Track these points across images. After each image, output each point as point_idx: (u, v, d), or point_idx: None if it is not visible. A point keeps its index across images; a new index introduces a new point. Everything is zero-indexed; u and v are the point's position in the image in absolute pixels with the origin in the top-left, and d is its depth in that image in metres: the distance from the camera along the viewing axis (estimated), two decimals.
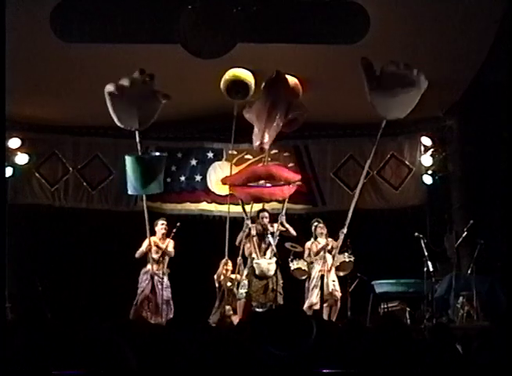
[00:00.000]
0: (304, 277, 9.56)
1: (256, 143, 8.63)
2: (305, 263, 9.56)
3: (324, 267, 9.22)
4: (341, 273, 9.45)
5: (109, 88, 7.95)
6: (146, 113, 8.27)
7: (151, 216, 9.94)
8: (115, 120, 8.28)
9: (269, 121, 8.55)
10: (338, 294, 9.20)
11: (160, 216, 10.04)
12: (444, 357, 3.51)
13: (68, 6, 7.99)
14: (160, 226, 9.59)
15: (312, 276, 9.37)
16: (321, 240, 9.49)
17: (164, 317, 9.10)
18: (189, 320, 4.36)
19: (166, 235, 9.51)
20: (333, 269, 9.26)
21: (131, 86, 7.94)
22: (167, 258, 9.50)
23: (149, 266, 9.32)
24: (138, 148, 8.61)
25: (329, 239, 9.33)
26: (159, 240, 9.50)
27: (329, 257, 9.28)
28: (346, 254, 9.41)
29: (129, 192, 8.99)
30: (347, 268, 9.45)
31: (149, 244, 9.20)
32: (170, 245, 9.47)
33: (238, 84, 8.99)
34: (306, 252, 9.69)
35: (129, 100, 8.08)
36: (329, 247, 9.32)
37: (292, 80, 9.02)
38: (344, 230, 8.78)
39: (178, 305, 9.47)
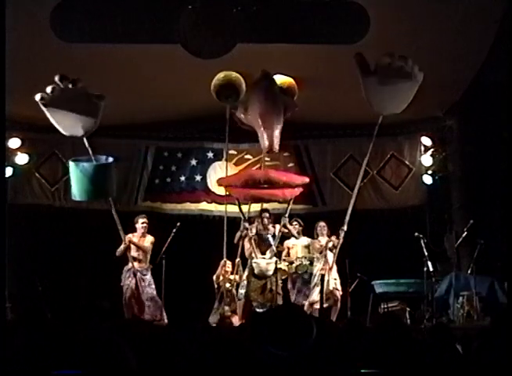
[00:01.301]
0: (284, 277, 9.59)
1: (265, 145, 8.55)
2: (286, 263, 9.60)
3: (326, 266, 9.23)
4: None
5: (37, 97, 7.78)
6: (86, 118, 8.01)
7: (151, 216, 9.95)
8: (58, 129, 8.11)
9: (276, 121, 8.50)
10: (339, 293, 9.20)
11: (160, 216, 10.04)
12: (444, 357, 3.52)
13: (68, 6, 7.99)
14: (141, 224, 9.53)
15: (314, 274, 9.38)
16: (322, 238, 9.50)
17: (150, 314, 9.10)
18: (189, 321, 4.37)
19: (147, 232, 9.48)
20: (335, 267, 9.25)
21: (59, 93, 7.73)
22: (148, 255, 9.47)
23: (130, 264, 9.32)
24: (90, 153, 8.34)
25: (333, 237, 9.29)
26: (138, 238, 9.46)
27: (330, 255, 9.27)
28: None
29: (72, 197, 8.79)
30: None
31: (126, 243, 9.15)
32: (148, 241, 9.45)
33: (228, 88, 8.92)
34: (285, 252, 9.73)
35: (64, 107, 7.89)
36: (330, 245, 9.31)
37: (288, 80, 9.00)
38: (345, 228, 8.79)
39: (177, 305, 9.46)
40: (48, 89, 7.73)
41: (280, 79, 8.97)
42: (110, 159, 8.64)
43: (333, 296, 9.17)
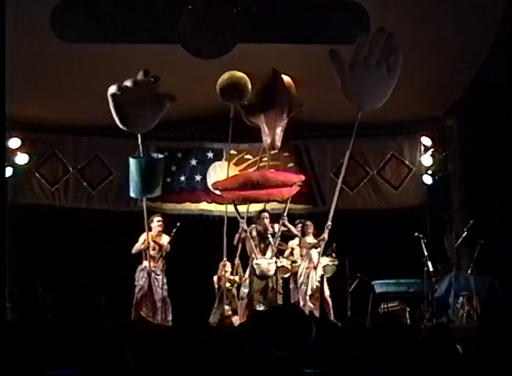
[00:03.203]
0: (287, 275, 9.59)
1: (267, 142, 8.54)
2: (289, 262, 9.59)
3: (310, 264, 9.26)
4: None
5: (112, 89, 7.83)
6: (148, 116, 8.12)
7: (151, 215, 9.94)
8: (117, 122, 8.15)
9: (278, 119, 8.50)
10: (326, 292, 9.22)
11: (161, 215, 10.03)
12: (444, 357, 3.51)
13: (68, 6, 8.00)
14: (156, 223, 9.53)
15: (299, 274, 9.36)
16: (308, 238, 9.51)
17: (162, 316, 9.09)
18: (189, 321, 4.37)
19: (162, 232, 9.51)
20: (320, 266, 9.26)
21: (134, 88, 7.82)
22: (163, 255, 9.47)
23: (145, 263, 9.29)
24: (140, 150, 8.49)
25: (324, 235, 9.24)
26: (155, 236, 9.48)
27: (314, 254, 9.27)
28: (330, 257, 9.42)
29: (131, 195, 8.92)
30: (329, 271, 9.46)
31: (147, 241, 9.18)
32: (166, 240, 9.48)
33: (233, 88, 8.92)
34: (288, 251, 9.72)
35: (132, 102, 7.92)
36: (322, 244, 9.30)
37: (285, 78, 9.00)
38: (329, 223, 8.78)
39: (177, 305, 9.46)
40: (129, 83, 7.71)
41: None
42: (159, 155, 8.74)
43: (316, 296, 9.18)
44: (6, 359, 2.84)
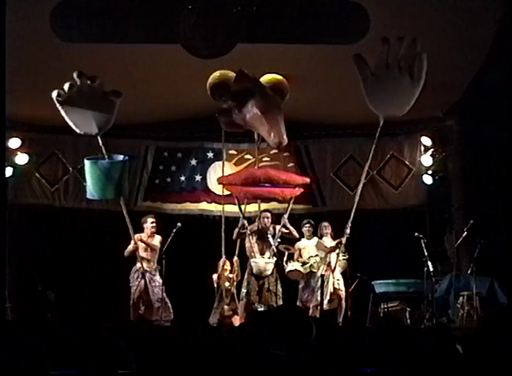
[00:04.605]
0: (300, 278, 9.54)
1: (275, 141, 8.35)
2: (299, 264, 9.55)
3: (328, 267, 9.21)
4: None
5: (54, 94, 7.77)
6: (101, 116, 8.03)
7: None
8: (72, 127, 8.09)
9: (280, 116, 8.40)
10: (342, 293, 9.18)
11: (160, 216, 10.02)
12: (444, 357, 3.51)
13: (68, 6, 7.99)
14: (150, 224, 9.54)
15: (317, 277, 9.28)
16: (326, 239, 9.46)
17: (159, 315, 9.09)
18: (189, 321, 4.37)
19: (156, 233, 9.50)
20: (338, 268, 9.23)
21: (77, 91, 7.73)
22: (156, 255, 9.46)
23: (139, 264, 9.31)
24: (104, 152, 8.36)
25: (343, 239, 9.17)
26: (147, 237, 9.46)
27: (333, 256, 9.24)
28: (341, 252, 9.39)
29: (87, 196, 8.78)
30: (342, 266, 9.42)
31: (136, 242, 9.15)
32: (157, 240, 9.46)
33: (222, 87, 8.88)
34: (297, 253, 9.68)
35: (80, 105, 7.89)
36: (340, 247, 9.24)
37: (276, 77, 8.97)
38: (348, 231, 8.74)
39: (177, 305, 9.46)
40: (66, 86, 7.72)
41: (268, 77, 8.95)
42: (125, 157, 8.68)
43: (337, 296, 9.16)
44: (6, 360, 2.84)
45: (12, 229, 8.75)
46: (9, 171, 10.34)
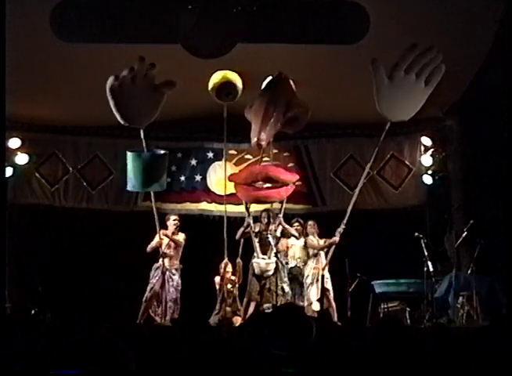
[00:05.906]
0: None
1: (253, 140, 8.49)
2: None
3: (318, 265, 9.25)
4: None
5: (110, 80, 7.65)
6: (149, 108, 7.98)
7: (151, 216, 9.93)
8: (118, 118, 8.06)
9: (266, 118, 8.41)
10: (330, 294, 9.24)
11: (160, 216, 10.01)
12: (444, 357, 3.51)
13: (68, 6, 7.99)
14: (173, 221, 9.63)
15: (307, 274, 9.37)
16: (313, 238, 9.50)
17: (170, 316, 9.08)
18: (190, 321, 4.36)
19: (179, 230, 9.57)
20: (327, 267, 9.27)
21: (131, 79, 7.70)
22: (179, 253, 9.51)
23: (160, 262, 9.32)
24: (144, 145, 8.43)
25: (335, 238, 9.16)
26: (170, 234, 9.51)
27: (322, 255, 9.28)
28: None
29: (128, 188, 8.80)
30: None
31: (160, 238, 9.17)
32: (180, 236, 9.52)
33: (228, 86, 8.90)
34: (285, 249, 9.69)
35: (131, 95, 7.81)
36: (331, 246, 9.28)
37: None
38: (341, 229, 8.78)
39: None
40: (125, 72, 7.61)
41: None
42: (165, 151, 8.74)
43: (325, 297, 9.20)
44: (6, 360, 2.84)
45: (12, 229, 8.74)
46: (9, 171, 10.34)
